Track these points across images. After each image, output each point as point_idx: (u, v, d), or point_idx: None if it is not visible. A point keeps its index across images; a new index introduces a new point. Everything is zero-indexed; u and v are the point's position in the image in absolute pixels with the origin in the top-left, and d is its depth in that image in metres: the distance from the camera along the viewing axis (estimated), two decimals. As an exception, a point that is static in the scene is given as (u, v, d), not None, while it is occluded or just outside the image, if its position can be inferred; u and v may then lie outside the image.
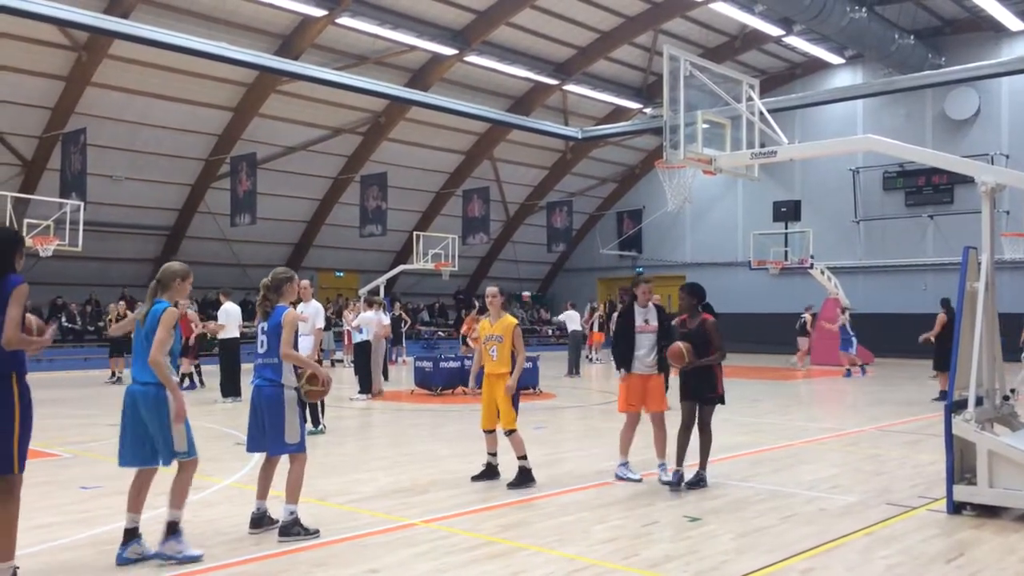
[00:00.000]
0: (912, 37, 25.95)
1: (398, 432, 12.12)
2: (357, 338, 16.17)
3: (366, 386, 15.73)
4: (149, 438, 5.34)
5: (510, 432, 7.66)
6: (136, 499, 5.42)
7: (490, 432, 7.89)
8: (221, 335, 15.20)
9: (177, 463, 5.43)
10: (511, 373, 7.64)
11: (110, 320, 19.40)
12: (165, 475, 5.55)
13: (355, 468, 8.77)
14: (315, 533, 5.94)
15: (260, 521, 6.05)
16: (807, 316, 23.22)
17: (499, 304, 7.87)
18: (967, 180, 27.97)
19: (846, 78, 30.18)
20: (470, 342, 18.10)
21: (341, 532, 6.07)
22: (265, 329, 6.04)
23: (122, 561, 5.29)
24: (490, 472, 7.93)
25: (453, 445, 10.26)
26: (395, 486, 7.75)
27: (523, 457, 7.68)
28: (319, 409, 11.16)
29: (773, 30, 26.37)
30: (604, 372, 23.50)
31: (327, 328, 21.79)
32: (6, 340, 4.61)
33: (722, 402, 7.76)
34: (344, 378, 19.66)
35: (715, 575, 5.16)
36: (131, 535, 5.36)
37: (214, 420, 12.30)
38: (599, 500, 7.21)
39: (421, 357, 17.85)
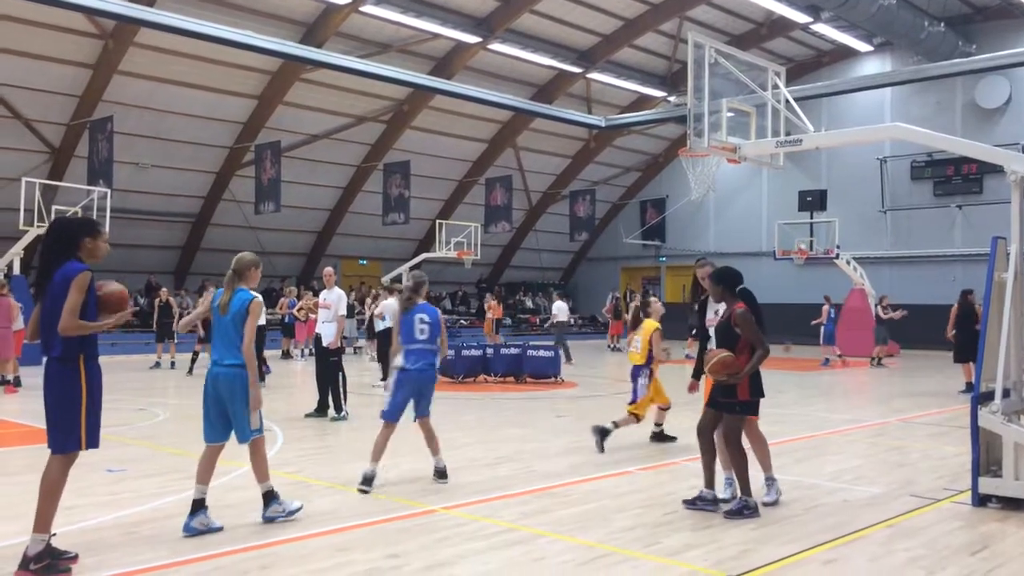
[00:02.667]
0: (942, 24, 25.55)
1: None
2: (380, 326, 16.20)
3: (389, 373, 15.78)
4: (224, 416, 5.81)
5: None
6: (205, 472, 5.79)
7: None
8: None
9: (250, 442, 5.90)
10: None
11: (158, 305, 19.56)
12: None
13: (377, 454, 8.80)
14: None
15: (444, 472, 7.41)
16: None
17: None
18: (997, 170, 27.37)
19: (874, 66, 29.79)
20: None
21: (363, 517, 6.11)
22: (426, 319, 7.26)
23: (189, 531, 5.59)
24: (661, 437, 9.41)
25: (474, 432, 10.29)
26: (416, 473, 7.78)
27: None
28: (342, 396, 11.24)
29: (800, 17, 26.06)
30: (623, 360, 23.43)
31: (350, 316, 21.87)
32: (61, 328, 4.78)
33: (746, 411, 6.39)
34: (365, 366, 19.76)
35: (736, 564, 5.14)
36: (198, 505, 5.68)
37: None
38: (620, 488, 7.20)
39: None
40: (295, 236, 30.08)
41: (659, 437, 9.52)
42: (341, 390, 11.25)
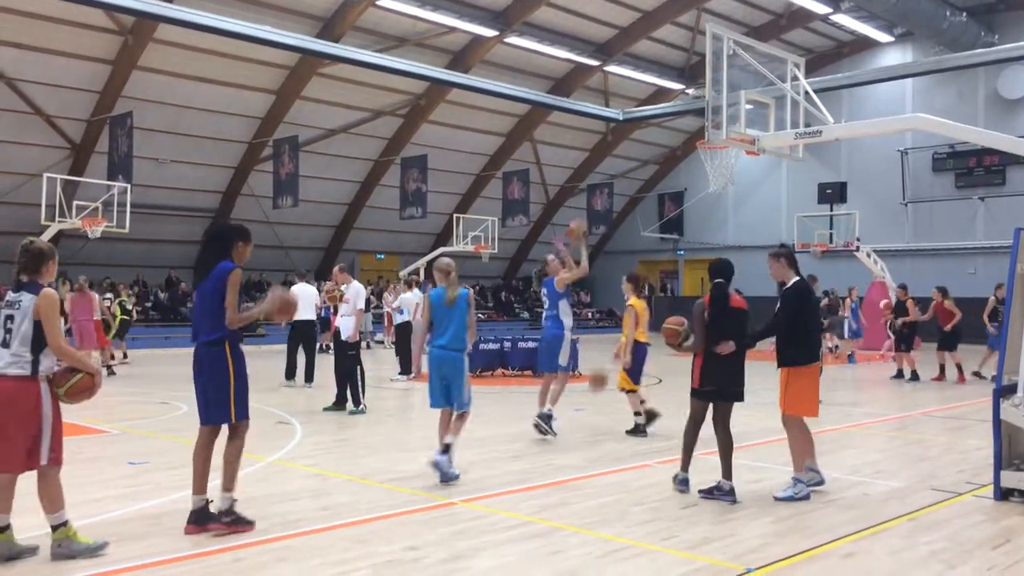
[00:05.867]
0: (964, 14, 25.28)
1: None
2: (398, 319, 16.21)
3: (406, 367, 15.79)
4: (446, 388, 7.15)
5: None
6: (445, 427, 7.19)
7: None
8: (296, 317, 13.61)
9: (461, 410, 7.18)
10: None
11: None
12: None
13: (396, 447, 8.86)
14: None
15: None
16: None
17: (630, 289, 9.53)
18: (1020, 161, 27.32)
19: (895, 57, 29.53)
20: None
21: (382, 510, 6.14)
22: (547, 293, 9.42)
23: (444, 475, 6.91)
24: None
25: (492, 426, 10.30)
26: (435, 465, 7.80)
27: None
28: (360, 390, 11.28)
29: (820, 8, 25.86)
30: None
31: (367, 309, 21.85)
32: (228, 322, 5.51)
33: (694, 396, 6.60)
34: (384, 359, 19.83)
35: (755, 558, 5.12)
36: (446, 448, 7.05)
37: (256, 400, 12.48)
38: (638, 482, 7.20)
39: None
40: (313, 230, 30.22)
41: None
42: (359, 384, 11.29)
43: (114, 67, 22.42)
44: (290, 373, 14.45)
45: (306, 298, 14.31)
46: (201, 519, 5.51)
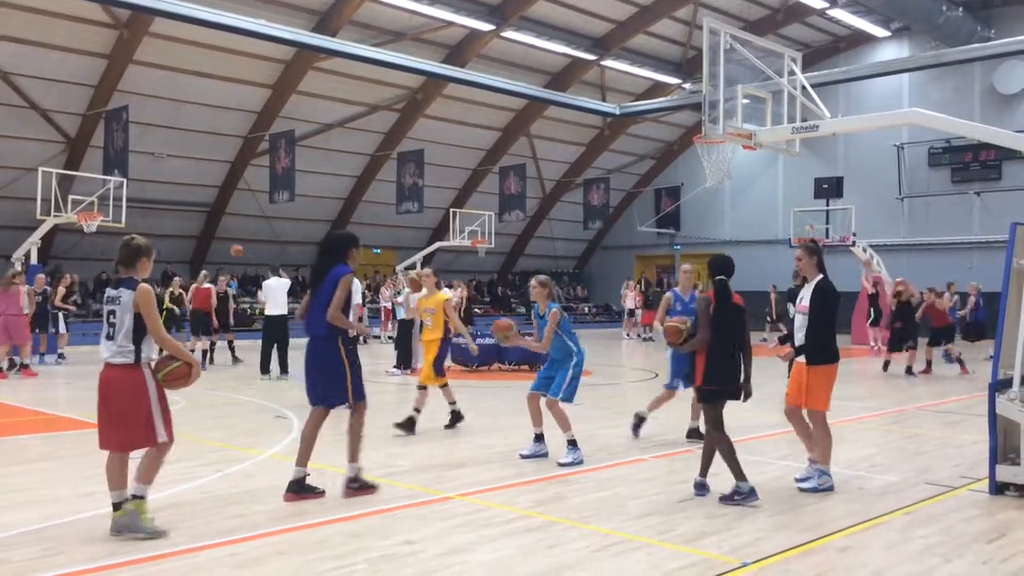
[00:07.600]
0: (960, 9, 25.27)
1: (434, 407, 12.19)
2: (401, 314, 16.18)
3: (406, 362, 15.80)
4: (551, 378, 7.81)
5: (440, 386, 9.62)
6: (536, 416, 7.94)
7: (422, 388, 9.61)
8: (267, 311, 14.61)
9: (555, 399, 7.75)
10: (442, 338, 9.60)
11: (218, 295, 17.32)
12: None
13: (392, 442, 8.86)
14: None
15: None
16: None
17: (432, 283, 9.75)
18: (1015, 156, 27.33)
19: (892, 51, 29.52)
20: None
21: (378, 504, 6.15)
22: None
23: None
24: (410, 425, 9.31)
25: (488, 420, 10.31)
26: (431, 460, 7.82)
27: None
28: (357, 384, 11.29)
29: (817, 2, 25.84)
30: (646, 351, 23.39)
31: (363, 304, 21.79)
32: (330, 317, 6.14)
33: (701, 398, 6.51)
34: (380, 353, 19.83)
35: (751, 552, 5.14)
36: (538, 438, 8.00)
37: (253, 395, 12.49)
38: (634, 476, 7.21)
39: (457, 334, 17.91)
40: (309, 225, 30.15)
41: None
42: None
43: (110, 61, 22.33)
44: (265, 367, 14.67)
45: (273, 293, 14.63)
46: (299, 489, 6.16)
